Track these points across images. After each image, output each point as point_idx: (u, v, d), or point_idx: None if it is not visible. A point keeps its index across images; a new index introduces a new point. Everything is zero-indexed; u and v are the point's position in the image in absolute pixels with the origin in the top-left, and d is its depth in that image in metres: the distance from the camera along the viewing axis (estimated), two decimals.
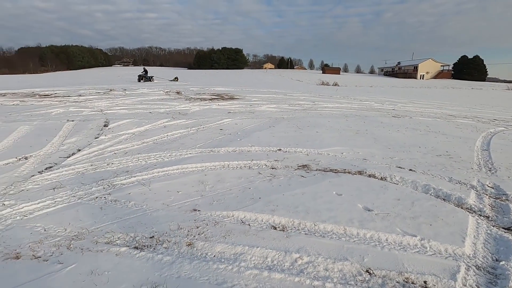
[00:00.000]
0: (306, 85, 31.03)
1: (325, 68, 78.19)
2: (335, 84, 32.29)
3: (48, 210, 3.03)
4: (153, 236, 2.59)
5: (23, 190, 3.50)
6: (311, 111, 10.29)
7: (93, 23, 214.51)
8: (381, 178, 4.07)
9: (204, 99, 12.90)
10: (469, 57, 66.97)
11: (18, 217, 2.89)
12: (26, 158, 4.61)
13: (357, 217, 2.97)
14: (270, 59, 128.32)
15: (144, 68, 28.15)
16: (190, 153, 4.96)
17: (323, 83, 33.45)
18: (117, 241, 2.52)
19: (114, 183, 3.70)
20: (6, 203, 3.17)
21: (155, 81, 26.23)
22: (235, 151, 5.19)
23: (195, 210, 3.08)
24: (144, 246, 2.45)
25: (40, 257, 2.30)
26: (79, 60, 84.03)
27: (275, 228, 2.77)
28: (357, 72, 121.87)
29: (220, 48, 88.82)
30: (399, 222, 2.91)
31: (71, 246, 2.44)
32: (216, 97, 14.06)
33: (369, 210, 3.14)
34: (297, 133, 6.73)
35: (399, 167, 4.55)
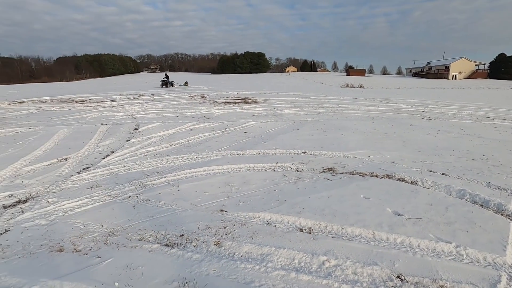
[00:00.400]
0: (330, 87, 30.55)
1: (350, 70, 76.51)
2: (360, 86, 31.50)
3: (87, 208, 3.23)
4: (182, 235, 2.69)
5: (64, 188, 3.76)
6: (335, 113, 10.13)
7: (123, 32, 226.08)
8: (412, 182, 3.93)
9: (228, 103, 13.12)
10: (508, 54, 62.48)
11: (60, 214, 3.11)
12: (66, 159, 4.95)
13: (387, 221, 2.89)
14: (292, 62, 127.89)
15: (166, 74, 29.28)
16: (216, 155, 5.08)
17: (347, 85, 32.76)
18: (149, 238, 2.64)
19: (145, 184, 3.88)
20: (49, 200, 3.43)
21: (175, 86, 27.12)
22: (260, 153, 5.24)
23: (222, 210, 3.15)
24: (175, 244, 2.55)
25: (80, 250, 2.47)
26: (110, 67, 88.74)
27: (301, 230, 2.77)
28: (384, 74, 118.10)
29: (243, 53, 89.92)
30: (432, 227, 2.79)
31: (108, 241, 2.59)
32: (240, 100, 14.25)
33: (399, 215, 3.04)
34: (322, 136, 6.66)
35: (431, 171, 4.36)
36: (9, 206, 3.32)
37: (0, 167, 4.56)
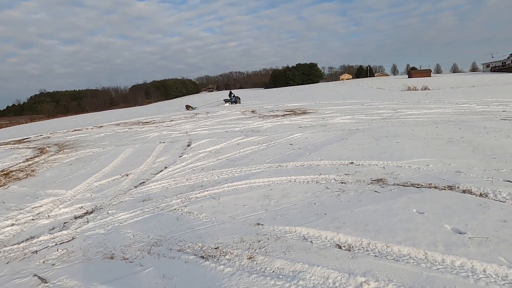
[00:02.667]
0: (388, 92, 28.44)
1: (412, 72, 70.47)
2: (425, 88, 28.58)
3: (138, 219, 3.55)
4: (217, 247, 2.74)
5: (122, 201, 4.21)
6: (391, 120, 9.34)
7: (185, 58, 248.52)
8: (480, 195, 3.35)
9: (277, 116, 13.20)
10: None
11: (116, 224, 3.47)
12: (127, 175, 5.55)
13: (443, 240, 2.50)
14: (347, 69, 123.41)
15: (230, 91, 29.24)
16: (258, 168, 5.11)
17: (409, 89, 30.05)
18: (187, 250, 2.75)
19: (190, 197, 4.10)
20: (109, 212, 3.86)
21: (241, 102, 26.48)
22: (303, 165, 5.10)
23: (258, 224, 3.13)
24: (209, 256, 2.61)
25: (127, 258, 2.70)
26: (174, 90, 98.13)
27: (339, 247, 2.57)
28: (454, 72, 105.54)
29: (295, 65, 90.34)
30: (503, 249, 2.32)
31: (151, 251, 2.79)
32: (289, 112, 14.22)
33: (460, 233, 2.60)
34: (373, 144, 6.19)
35: (508, 181, 3.66)
36: (79, 217, 3.84)
37: (77, 182, 5.34)
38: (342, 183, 4.12)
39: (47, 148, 10.16)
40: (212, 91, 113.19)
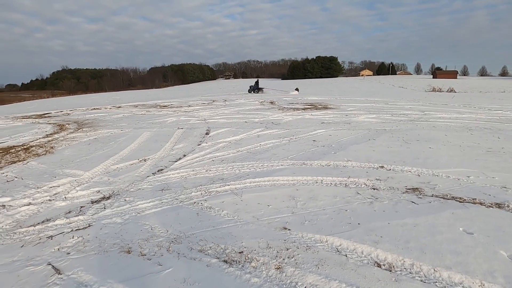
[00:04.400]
0: (412, 92, 27.30)
1: (437, 72, 67.63)
2: (451, 90, 27.26)
3: (156, 210, 3.37)
4: (242, 252, 2.52)
5: (139, 189, 4.05)
6: (420, 122, 8.82)
7: (205, 44, 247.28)
8: None
9: (297, 109, 12.81)
10: None
11: (133, 213, 3.31)
12: (145, 160, 5.41)
13: (501, 270, 2.19)
14: (368, 65, 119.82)
15: (256, 80, 28.48)
16: (281, 165, 4.85)
17: (434, 90, 28.76)
18: (208, 251, 2.55)
19: (210, 190, 3.89)
20: (127, 199, 3.71)
21: (265, 92, 26.00)
22: (329, 165, 4.79)
23: (285, 228, 2.88)
24: (233, 261, 2.39)
25: (145, 255, 2.52)
26: (191, 75, 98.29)
27: (379, 266, 2.30)
28: (482, 75, 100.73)
29: (314, 57, 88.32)
30: None
31: (170, 248, 2.60)
32: (309, 106, 13.78)
33: None
34: (404, 148, 5.79)
35: None
36: (95, 202, 3.70)
37: (94, 164, 5.24)
38: (374, 189, 3.80)
39: (67, 125, 10.21)
40: (229, 78, 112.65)
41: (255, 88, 26.36)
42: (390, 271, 2.24)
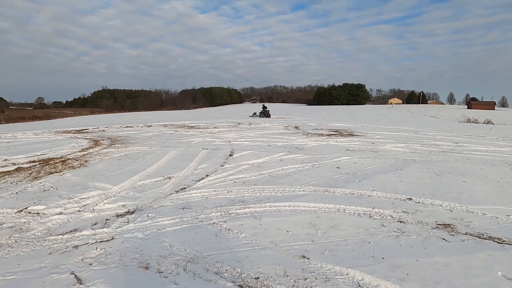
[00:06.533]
0: (444, 122, 26.14)
1: (472, 103, 64.55)
2: (488, 122, 25.76)
3: (176, 228, 3.42)
4: (258, 278, 2.45)
5: (162, 205, 4.15)
6: (453, 154, 8.36)
7: (234, 69, 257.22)
8: None
9: (322, 135, 12.71)
10: None
11: (154, 229, 3.38)
12: (169, 178, 5.57)
13: None
14: (396, 93, 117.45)
15: (263, 105, 30.75)
16: (303, 190, 4.77)
17: (469, 121, 27.35)
18: (224, 274, 2.51)
19: (230, 211, 3.90)
20: (149, 215, 3.81)
21: (271, 117, 27.69)
22: (353, 194, 4.64)
23: (304, 257, 2.79)
24: (249, 286, 2.34)
25: (162, 272, 2.54)
26: (219, 98, 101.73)
27: None
28: None
29: (341, 84, 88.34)
30: None
31: (187, 268, 2.60)
32: (334, 133, 13.63)
33: None
34: (434, 180, 5.48)
35: None
36: (120, 215, 3.84)
37: (123, 179, 5.48)
38: (401, 222, 3.60)
39: (101, 140, 10.88)
40: (255, 102, 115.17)
41: (263, 112, 27.69)
42: None
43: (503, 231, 3.36)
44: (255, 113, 30.74)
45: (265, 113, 28.08)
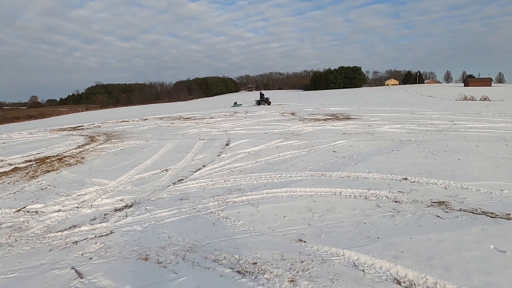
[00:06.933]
0: (441, 101, 26.09)
1: (469, 80, 64.28)
2: (485, 99, 25.72)
3: (174, 219, 3.45)
4: (256, 263, 2.50)
5: (160, 198, 4.17)
6: (449, 132, 8.38)
7: (229, 57, 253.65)
8: None
9: (318, 120, 12.68)
10: None
11: (153, 222, 3.41)
12: (166, 170, 5.58)
13: None
14: (393, 74, 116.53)
15: (260, 92, 30.02)
16: (299, 176, 4.80)
17: (465, 98, 27.29)
18: (222, 261, 2.56)
19: (227, 200, 3.93)
20: (147, 207, 3.84)
21: (272, 104, 27.06)
22: (349, 176, 4.67)
23: (300, 240, 2.83)
24: (247, 272, 2.38)
25: (161, 262, 2.58)
26: (214, 88, 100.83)
27: (398, 283, 2.18)
28: None
29: (337, 68, 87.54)
30: None
31: (186, 257, 2.64)
32: (331, 117, 13.60)
33: None
34: (430, 159, 5.52)
35: None
36: (118, 210, 3.87)
37: (120, 173, 5.49)
38: (396, 202, 3.65)
39: (97, 136, 10.83)
40: (251, 90, 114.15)
41: (262, 101, 26.97)
42: None
43: (496, 206, 3.41)
44: (235, 103, 28.71)
45: (266, 101, 26.93)
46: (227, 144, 7.84)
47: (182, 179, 4.99)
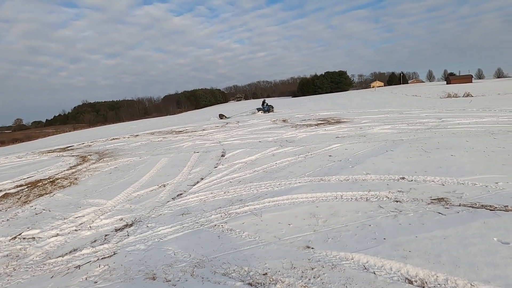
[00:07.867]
0: (426, 100, 26.79)
1: (451, 78, 66.44)
2: (467, 95, 26.55)
3: (177, 235, 3.40)
4: (266, 273, 2.48)
5: (160, 214, 4.11)
6: (438, 129, 8.60)
7: (216, 69, 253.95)
8: None
9: (310, 125, 12.81)
10: None
11: (156, 239, 3.35)
12: (164, 186, 5.52)
13: None
14: (378, 76, 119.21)
15: (264, 100, 29.24)
16: (299, 182, 4.81)
17: (449, 96, 28.11)
18: (232, 274, 2.52)
19: (229, 212, 3.90)
20: (149, 225, 3.77)
21: (275, 111, 26.34)
22: (348, 179, 4.72)
23: (308, 247, 2.83)
24: (258, 283, 2.36)
25: (170, 280, 2.52)
26: (203, 100, 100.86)
27: (410, 282, 2.20)
28: (499, 77, 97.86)
29: (323, 73, 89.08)
30: None
31: (194, 273, 2.59)
32: (322, 122, 13.76)
33: None
34: (424, 157, 5.63)
35: None
36: (119, 229, 3.78)
37: (116, 192, 5.39)
38: (397, 201, 3.69)
39: (89, 156, 10.63)
40: (240, 100, 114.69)
41: (265, 107, 26.74)
42: (423, 287, 2.13)
43: (493, 199, 3.49)
44: (222, 116, 26.75)
45: (268, 110, 26.25)
46: (222, 155, 7.82)
47: (181, 194, 4.94)
